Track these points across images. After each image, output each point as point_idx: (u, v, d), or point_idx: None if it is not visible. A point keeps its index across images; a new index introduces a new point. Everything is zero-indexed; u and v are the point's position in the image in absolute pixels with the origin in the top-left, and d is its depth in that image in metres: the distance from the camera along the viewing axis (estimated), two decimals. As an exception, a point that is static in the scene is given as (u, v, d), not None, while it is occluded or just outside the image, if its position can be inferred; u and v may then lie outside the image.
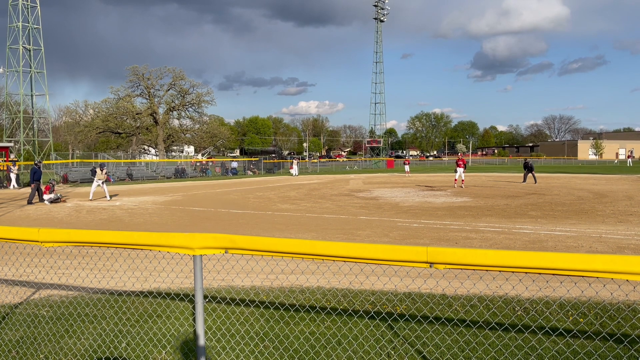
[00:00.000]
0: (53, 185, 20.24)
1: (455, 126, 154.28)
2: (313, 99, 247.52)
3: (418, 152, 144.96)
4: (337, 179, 37.64)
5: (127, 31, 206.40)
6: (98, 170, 21.35)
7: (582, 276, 2.58)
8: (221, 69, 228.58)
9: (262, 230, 11.89)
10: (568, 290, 5.48)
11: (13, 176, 30.52)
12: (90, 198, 20.87)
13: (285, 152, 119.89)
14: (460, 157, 28.44)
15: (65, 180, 35.01)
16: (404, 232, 11.17)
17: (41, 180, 20.62)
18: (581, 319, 4.87)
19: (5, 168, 32.64)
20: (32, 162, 28.36)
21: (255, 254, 3.30)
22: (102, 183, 21.09)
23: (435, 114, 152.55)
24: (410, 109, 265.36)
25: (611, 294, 5.30)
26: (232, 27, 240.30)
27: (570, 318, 4.91)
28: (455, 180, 26.19)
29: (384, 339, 4.48)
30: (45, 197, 19.55)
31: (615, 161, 75.46)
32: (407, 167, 45.82)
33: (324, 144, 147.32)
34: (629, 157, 71.78)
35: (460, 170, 25.88)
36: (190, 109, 59.62)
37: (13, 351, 4.40)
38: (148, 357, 4.24)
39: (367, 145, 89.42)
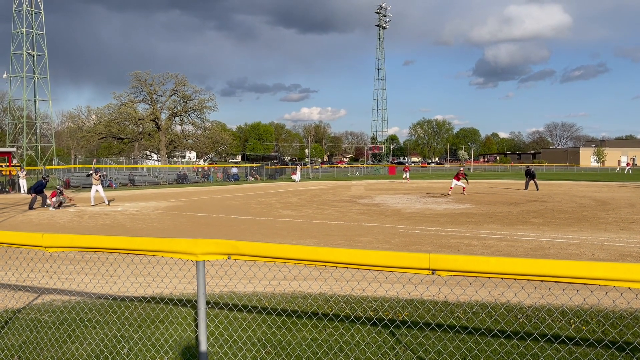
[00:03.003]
0: (60, 192, 20.17)
1: (457, 133, 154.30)
2: (315, 105, 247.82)
3: (420, 158, 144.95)
4: (338, 185, 37.64)
5: (130, 37, 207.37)
6: (93, 173, 21.45)
7: (584, 284, 2.59)
8: (224, 75, 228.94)
9: (263, 236, 11.89)
10: (570, 298, 5.47)
11: (22, 182, 30.47)
12: (92, 204, 20.91)
13: (287, 158, 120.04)
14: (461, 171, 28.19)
15: (67, 185, 35.08)
16: (405, 239, 11.17)
17: (43, 192, 20.57)
18: (583, 327, 4.86)
19: (7, 173, 32.72)
20: (37, 167, 28.37)
21: (258, 260, 3.32)
22: (99, 187, 21.13)
23: (437, 121, 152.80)
24: (412, 116, 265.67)
25: (613, 301, 5.30)
26: (235, 34, 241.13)
27: (573, 325, 4.90)
28: (460, 188, 26.18)
29: (386, 345, 4.48)
30: (53, 199, 19.50)
31: (617, 169, 75.32)
32: (407, 174, 45.78)
33: (325, 150, 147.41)
34: (628, 165, 71.39)
35: (457, 181, 25.91)
36: (192, 115, 59.79)
37: (15, 356, 4.41)
38: (150, 362, 4.24)
39: (369, 151, 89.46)
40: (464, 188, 26.26)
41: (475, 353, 4.24)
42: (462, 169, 29.34)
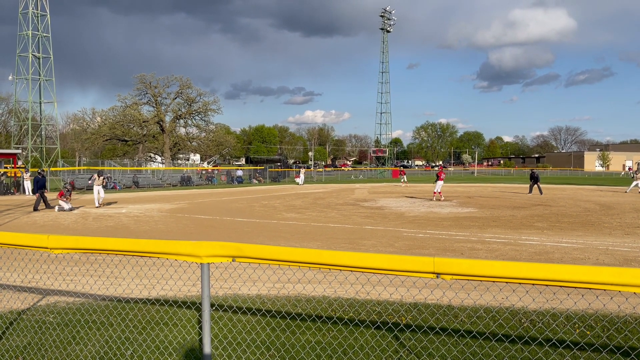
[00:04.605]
0: (68, 191, 20.16)
1: (461, 136, 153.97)
2: (319, 108, 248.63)
3: (423, 162, 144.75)
4: (342, 188, 37.64)
5: (135, 40, 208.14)
6: (95, 176, 21.56)
7: (589, 288, 2.59)
8: (228, 78, 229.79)
9: (267, 239, 11.90)
10: (575, 303, 5.46)
11: (27, 183, 30.57)
12: (97, 205, 20.98)
13: (291, 161, 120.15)
14: (440, 169, 27.46)
15: (72, 187, 35.20)
16: (409, 242, 11.16)
17: (45, 188, 20.68)
18: (588, 332, 4.85)
19: (12, 175, 32.86)
20: (37, 170, 28.51)
21: (262, 263, 3.32)
22: (99, 187, 21.21)
23: (441, 124, 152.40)
24: (416, 119, 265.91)
25: (618, 306, 5.28)
26: (240, 37, 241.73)
27: (577, 330, 4.88)
28: (435, 192, 24.84)
29: (389, 349, 4.47)
30: (62, 202, 19.50)
31: (622, 173, 75.07)
32: (404, 177, 45.65)
33: (329, 153, 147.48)
34: (630, 169, 71.49)
35: (439, 182, 24.58)
36: (196, 117, 60.00)
37: (20, 357, 4.43)
38: (154, 364, 4.25)
39: (372, 154, 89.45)
40: (440, 193, 24.72)
41: (480, 357, 4.23)
42: (440, 166, 28.13)
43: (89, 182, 22.35)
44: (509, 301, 5.93)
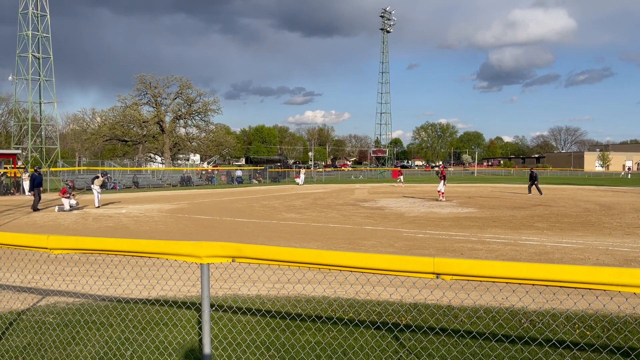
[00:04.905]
0: (70, 188, 20.11)
1: (461, 136, 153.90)
2: (319, 108, 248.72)
3: (423, 162, 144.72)
4: (342, 189, 37.64)
5: (135, 40, 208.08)
6: (99, 176, 21.60)
7: (589, 289, 2.59)
8: (228, 78, 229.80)
9: (267, 239, 11.90)
10: (575, 303, 5.46)
11: (26, 183, 30.58)
12: (96, 205, 20.98)
13: (291, 161, 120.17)
14: (442, 168, 27.31)
15: (72, 187, 35.17)
16: (409, 243, 11.16)
17: (42, 186, 20.68)
18: (588, 332, 4.84)
19: (12, 175, 32.86)
20: (42, 169, 28.50)
21: (262, 263, 3.32)
22: (97, 187, 21.23)
23: (441, 124, 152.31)
24: (416, 119, 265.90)
25: (618, 306, 5.28)
26: (240, 37, 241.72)
27: (577, 331, 4.88)
28: (440, 192, 24.69)
29: (389, 349, 4.47)
30: (65, 200, 19.48)
31: (622, 173, 75.11)
32: (401, 177, 45.67)
33: (329, 153, 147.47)
34: (629, 169, 71.84)
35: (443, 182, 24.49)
36: (196, 118, 60.04)
37: (20, 358, 4.43)
38: (154, 365, 4.25)
39: (372, 155, 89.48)
40: (442, 193, 24.66)
41: (480, 357, 4.23)
42: (442, 165, 27.98)
43: (91, 185, 22.37)
44: (508, 301, 5.93)
